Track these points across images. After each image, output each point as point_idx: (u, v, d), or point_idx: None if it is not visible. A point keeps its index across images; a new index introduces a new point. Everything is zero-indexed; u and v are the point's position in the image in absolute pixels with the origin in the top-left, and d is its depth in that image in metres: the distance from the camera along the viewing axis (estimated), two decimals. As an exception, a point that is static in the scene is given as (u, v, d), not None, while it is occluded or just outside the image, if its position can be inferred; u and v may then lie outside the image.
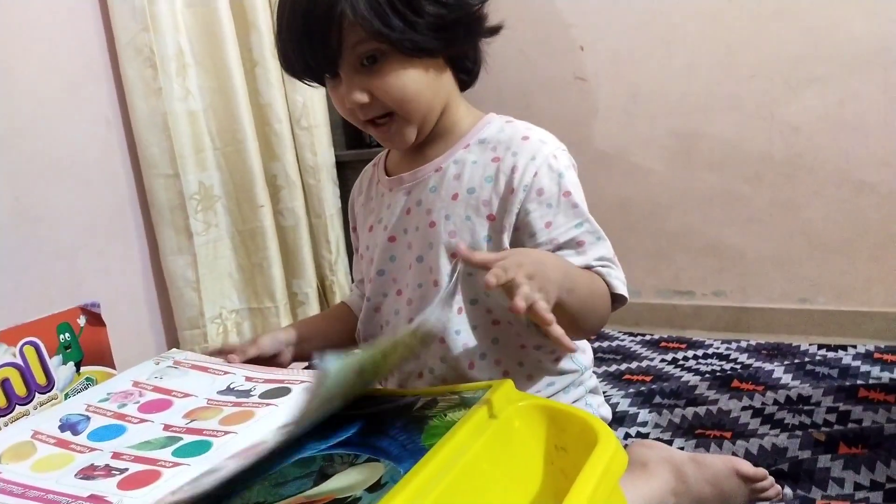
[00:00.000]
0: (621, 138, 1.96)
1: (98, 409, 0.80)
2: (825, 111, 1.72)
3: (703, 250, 1.93)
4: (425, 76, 0.82)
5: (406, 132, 0.84)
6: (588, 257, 0.82)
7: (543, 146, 0.84)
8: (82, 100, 1.36)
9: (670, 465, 0.89)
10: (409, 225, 0.88)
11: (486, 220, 0.83)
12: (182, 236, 1.47)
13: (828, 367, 1.27)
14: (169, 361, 0.91)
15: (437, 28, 0.78)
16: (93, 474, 0.65)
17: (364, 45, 0.77)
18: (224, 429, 0.73)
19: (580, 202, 0.83)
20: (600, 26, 1.93)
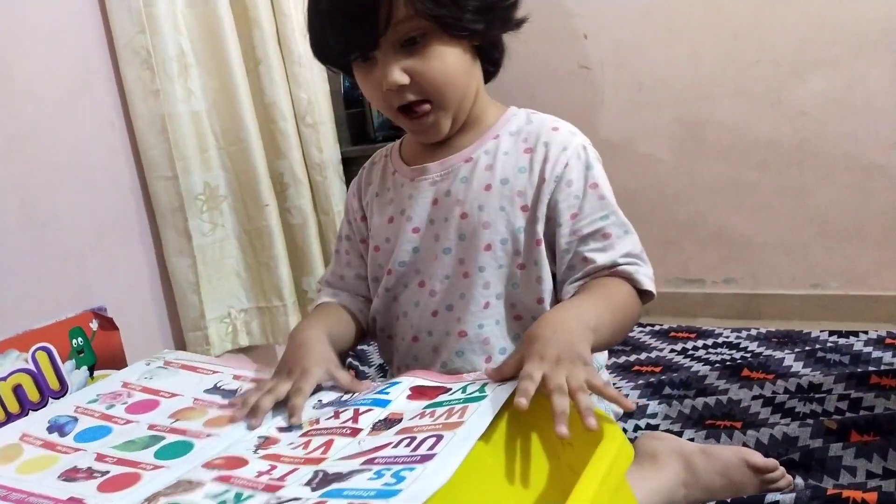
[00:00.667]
0: (627, 127, 1.95)
1: (86, 410, 0.81)
2: (832, 95, 1.70)
3: (711, 238, 1.92)
4: (464, 60, 0.82)
5: (442, 122, 0.84)
6: (615, 253, 0.82)
7: (574, 137, 0.86)
8: (85, 103, 1.36)
9: (680, 456, 0.89)
10: (436, 216, 0.87)
11: (520, 210, 0.84)
12: (183, 238, 1.47)
13: (839, 354, 1.26)
14: (160, 362, 0.93)
15: (482, 10, 0.79)
16: (75, 476, 0.66)
17: (410, 23, 0.77)
18: (207, 431, 0.73)
19: (607, 194, 0.84)
20: (604, 14, 1.91)
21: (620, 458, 0.59)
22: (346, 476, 0.56)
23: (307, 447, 0.65)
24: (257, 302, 1.63)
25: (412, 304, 0.90)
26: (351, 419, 0.69)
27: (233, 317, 1.59)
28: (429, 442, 0.58)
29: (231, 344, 1.58)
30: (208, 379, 0.87)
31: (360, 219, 0.97)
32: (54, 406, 0.83)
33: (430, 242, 0.88)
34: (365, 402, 0.71)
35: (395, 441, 0.60)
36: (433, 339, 0.89)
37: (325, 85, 1.74)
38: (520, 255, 0.85)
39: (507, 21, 0.84)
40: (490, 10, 0.80)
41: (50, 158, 1.29)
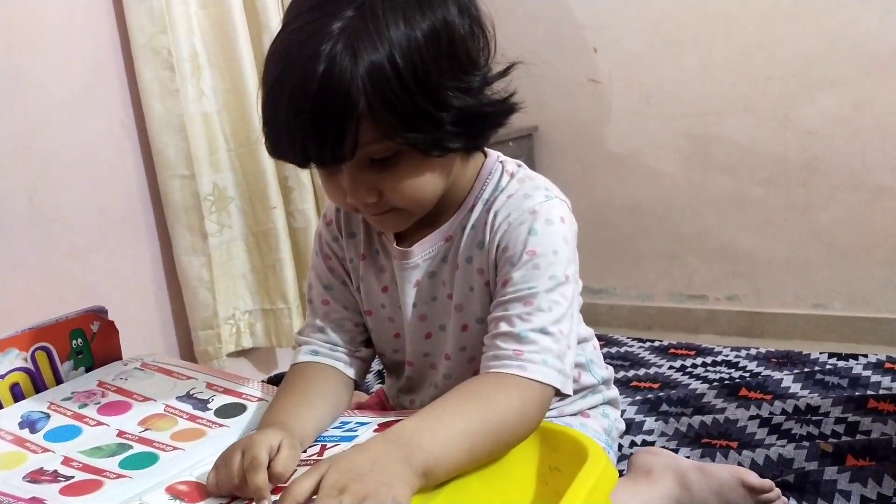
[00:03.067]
0: (634, 140, 1.95)
1: (59, 407, 0.83)
2: (841, 114, 1.70)
3: (716, 254, 1.93)
4: (440, 173, 0.73)
5: (406, 220, 0.76)
6: (523, 326, 0.71)
7: (524, 202, 0.76)
8: (96, 101, 1.37)
9: (675, 472, 0.89)
10: (419, 299, 0.82)
11: (485, 287, 0.79)
12: (197, 237, 1.48)
13: (837, 377, 1.25)
14: (137, 363, 0.94)
15: (463, 122, 0.69)
16: (39, 479, 0.68)
17: (379, 145, 0.67)
18: (174, 444, 0.75)
19: (545, 263, 0.73)
20: (614, 28, 1.92)
21: (604, 479, 0.60)
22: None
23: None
24: (262, 304, 1.64)
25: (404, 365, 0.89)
26: (317, 453, 0.70)
27: (237, 318, 1.60)
28: None
29: (234, 346, 1.59)
30: (182, 385, 0.88)
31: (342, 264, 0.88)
32: (28, 401, 0.84)
33: (416, 322, 0.84)
34: (333, 438, 0.73)
35: None
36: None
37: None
38: None
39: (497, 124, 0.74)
40: (472, 121, 0.70)
41: (58, 155, 1.30)
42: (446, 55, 0.67)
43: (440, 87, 0.67)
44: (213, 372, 0.93)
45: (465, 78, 0.69)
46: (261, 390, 0.87)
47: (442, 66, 0.67)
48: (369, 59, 0.63)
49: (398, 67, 0.64)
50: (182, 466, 0.70)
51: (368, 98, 0.64)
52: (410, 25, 0.65)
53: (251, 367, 1.66)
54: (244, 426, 0.79)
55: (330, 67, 0.63)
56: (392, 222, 0.77)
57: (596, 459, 0.61)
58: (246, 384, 0.88)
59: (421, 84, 0.65)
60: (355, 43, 0.64)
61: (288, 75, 0.66)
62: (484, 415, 0.66)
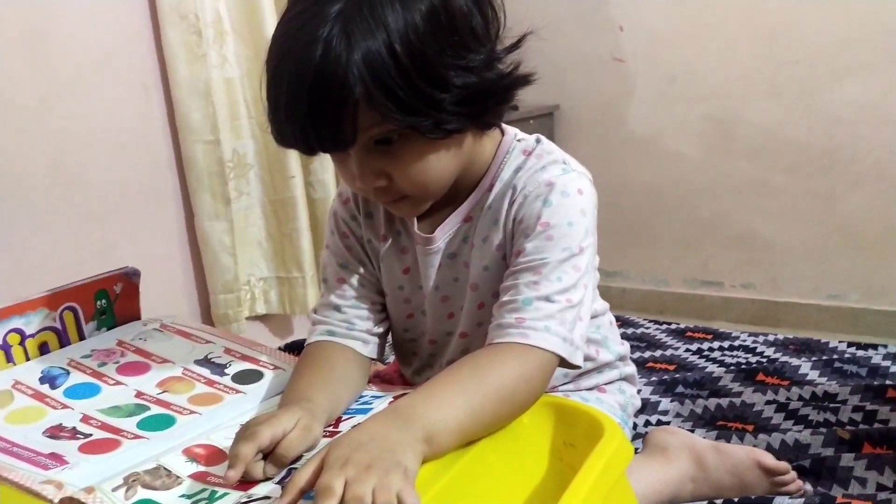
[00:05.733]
0: (657, 122, 1.93)
1: (79, 364, 0.83)
2: (868, 101, 1.68)
3: (733, 240, 1.91)
4: (447, 154, 0.72)
5: (420, 207, 0.76)
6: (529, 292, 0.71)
7: (541, 174, 0.76)
8: (120, 64, 1.37)
9: (690, 451, 0.89)
10: (441, 280, 0.82)
11: (503, 261, 0.78)
12: (220, 202, 1.49)
13: (856, 366, 1.25)
14: (156, 324, 0.94)
15: (465, 102, 0.68)
16: (59, 434, 0.69)
17: (379, 128, 0.67)
18: (191, 407, 0.75)
19: (558, 236, 0.73)
20: (640, 6, 1.89)
21: (618, 455, 0.60)
22: None
23: None
24: (277, 272, 1.65)
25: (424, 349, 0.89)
26: (332, 425, 0.70)
27: (252, 285, 1.60)
28: None
29: (249, 311, 1.60)
30: (200, 348, 0.89)
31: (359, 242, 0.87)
32: (48, 356, 0.85)
33: (438, 302, 0.84)
34: (349, 411, 0.73)
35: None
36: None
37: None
38: None
39: (504, 101, 0.74)
40: (476, 100, 0.69)
41: (82, 118, 1.30)
42: (446, 33, 0.66)
43: (440, 67, 0.66)
44: (231, 337, 0.94)
45: (468, 55, 0.68)
46: (278, 358, 0.88)
47: (442, 46, 0.66)
48: (365, 44, 0.63)
49: (395, 51, 0.63)
50: (199, 430, 0.70)
51: (365, 83, 0.63)
52: (407, 7, 0.64)
53: (267, 333, 1.67)
54: (261, 393, 0.79)
55: (325, 53, 0.63)
56: (406, 209, 0.77)
57: (611, 435, 0.61)
58: (263, 352, 0.89)
59: (419, 66, 0.64)
60: (350, 27, 0.63)
61: (286, 62, 0.66)
62: (481, 380, 0.65)
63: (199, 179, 1.46)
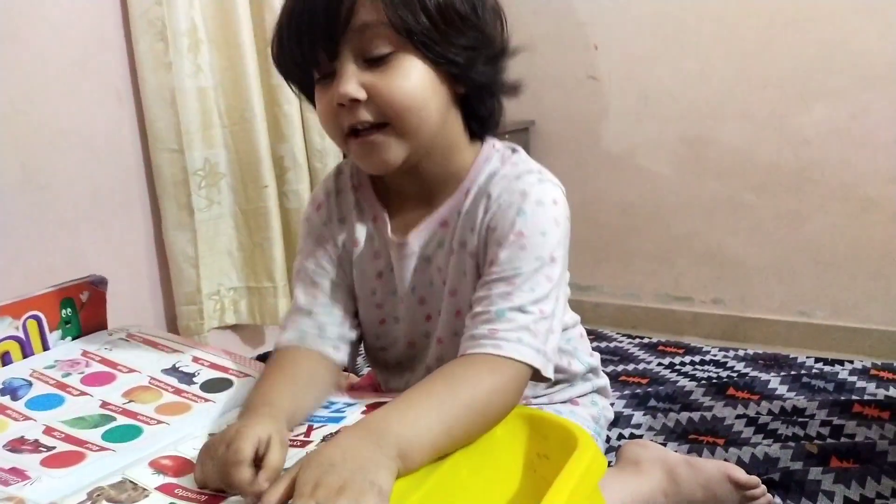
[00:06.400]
0: (630, 140, 1.96)
1: (42, 375, 0.81)
2: (836, 125, 1.72)
3: (704, 257, 1.94)
4: (435, 91, 0.73)
5: (393, 150, 0.73)
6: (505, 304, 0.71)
7: (516, 183, 0.76)
8: (93, 70, 1.35)
9: (663, 465, 0.89)
10: (418, 282, 0.82)
11: (477, 270, 0.78)
12: (184, 212, 1.47)
13: (824, 381, 1.27)
14: (122, 334, 0.92)
15: (463, 47, 0.72)
16: (20, 448, 0.67)
17: (377, 31, 0.68)
18: (158, 417, 0.74)
19: (531, 246, 0.73)
20: (615, 26, 1.92)
21: (593, 468, 0.60)
22: None
23: None
24: (247, 282, 1.62)
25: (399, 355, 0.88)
26: (304, 433, 0.69)
27: (222, 294, 1.58)
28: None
29: (218, 321, 1.58)
30: (167, 358, 0.87)
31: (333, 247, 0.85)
32: (10, 367, 0.83)
33: (415, 306, 0.83)
34: (321, 419, 0.72)
35: None
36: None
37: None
38: None
39: (491, 70, 0.76)
40: (474, 50, 0.73)
41: (53, 123, 1.28)
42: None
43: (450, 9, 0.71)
44: (200, 346, 0.92)
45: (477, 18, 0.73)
46: (247, 366, 0.87)
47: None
48: None
49: None
50: (166, 441, 0.68)
51: None
52: None
53: (238, 343, 1.65)
54: (230, 401, 0.78)
55: None
56: (378, 150, 0.73)
57: (585, 448, 0.61)
58: (232, 360, 0.87)
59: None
60: None
61: None
62: (454, 394, 0.65)
63: (165, 188, 1.44)
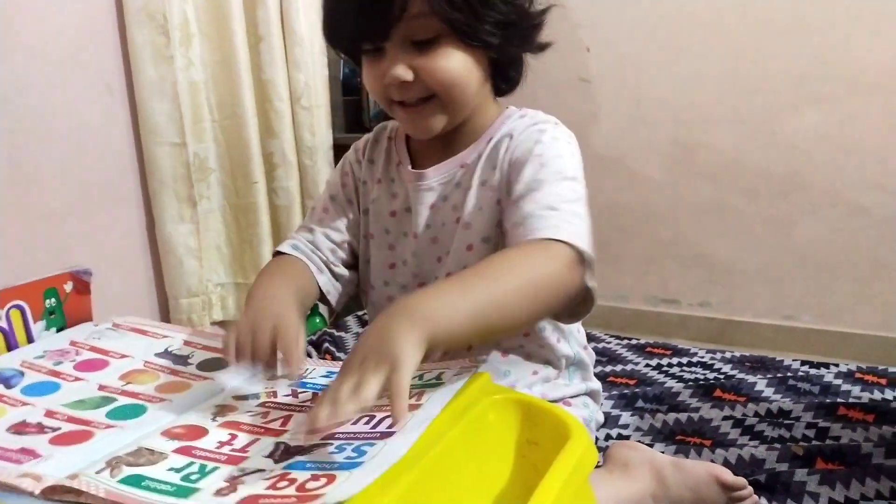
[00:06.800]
0: (621, 143, 1.96)
1: (33, 364, 0.80)
2: (826, 131, 1.73)
3: (692, 260, 1.94)
4: (472, 68, 0.80)
5: (437, 118, 0.82)
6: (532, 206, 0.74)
7: (534, 124, 0.84)
8: (84, 63, 1.34)
9: (651, 467, 0.90)
10: (433, 221, 0.87)
11: (496, 205, 0.84)
12: (185, 205, 1.47)
13: (809, 384, 1.28)
14: (108, 323, 0.92)
15: (500, 25, 0.78)
16: (24, 430, 0.65)
17: (423, 21, 0.75)
18: (160, 395, 0.73)
19: (550, 163, 0.78)
20: (608, 28, 1.92)
21: (585, 460, 0.60)
22: (308, 449, 0.57)
23: (266, 417, 0.66)
24: (235, 278, 1.62)
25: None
26: (310, 400, 0.69)
27: (209, 290, 1.57)
28: (387, 421, 0.59)
29: (206, 317, 1.57)
30: (158, 343, 0.86)
31: (355, 183, 0.95)
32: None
33: (428, 244, 0.88)
34: (305, 384, 0.73)
35: (355, 419, 0.60)
36: None
37: (323, 69, 1.73)
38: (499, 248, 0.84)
39: (526, 40, 0.84)
40: (509, 26, 0.80)
41: (41, 115, 1.26)
42: None
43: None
44: (188, 330, 0.91)
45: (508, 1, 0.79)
46: None
47: None
48: None
49: None
50: (174, 415, 0.67)
51: None
52: None
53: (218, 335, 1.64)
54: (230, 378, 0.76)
55: None
56: (424, 119, 0.82)
57: (579, 438, 0.61)
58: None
59: None
60: None
61: None
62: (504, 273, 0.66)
63: (163, 182, 1.43)
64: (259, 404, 0.69)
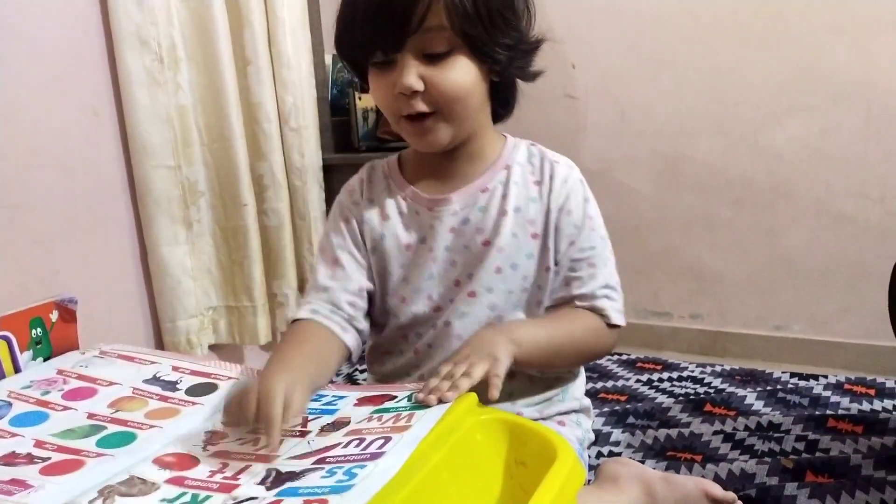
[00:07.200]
0: (607, 156, 1.97)
1: (20, 395, 0.80)
2: (808, 141, 1.75)
3: (682, 272, 1.95)
4: (479, 84, 0.85)
5: (442, 132, 0.85)
6: (595, 283, 0.90)
7: (572, 171, 0.93)
8: (69, 87, 1.34)
9: (641, 482, 0.90)
10: (454, 243, 0.90)
11: (531, 237, 0.89)
12: (180, 226, 1.47)
13: (799, 396, 1.28)
14: (95, 351, 0.92)
15: (506, 47, 0.83)
16: (14, 461, 0.65)
17: (439, 34, 0.79)
18: (149, 422, 0.73)
19: (597, 227, 0.92)
20: (592, 44, 1.94)
21: (572, 479, 0.60)
22: (300, 475, 0.57)
23: (256, 444, 0.66)
24: (227, 301, 1.61)
25: (421, 325, 0.92)
26: (300, 424, 0.70)
27: (201, 314, 1.57)
28: (378, 443, 0.60)
29: (197, 341, 1.56)
30: (146, 369, 0.87)
31: (359, 226, 0.94)
32: None
33: (446, 268, 0.90)
34: (314, 411, 0.73)
35: (345, 441, 0.62)
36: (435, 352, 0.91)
37: (312, 90, 1.73)
38: (527, 280, 0.90)
39: (524, 64, 0.89)
40: (513, 48, 0.85)
41: (26, 139, 1.26)
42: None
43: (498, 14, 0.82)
44: (176, 356, 0.92)
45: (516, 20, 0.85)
46: (228, 369, 0.86)
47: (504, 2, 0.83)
48: None
49: None
50: (163, 441, 0.67)
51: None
52: None
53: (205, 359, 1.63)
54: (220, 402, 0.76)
55: None
56: (430, 134, 0.85)
57: (565, 457, 0.62)
58: (213, 365, 0.87)
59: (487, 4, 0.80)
60: None
61: None
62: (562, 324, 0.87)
63: (157, 204, 1.43)
64: (249, 430, 0.69)
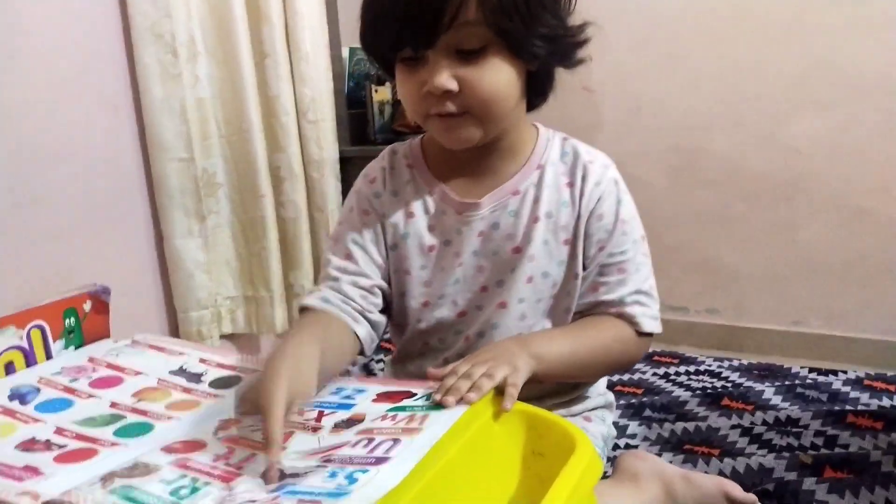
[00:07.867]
0: (623, 150, 1.95)
1: (49, 381, 0.82)
2: (826, 135, 1.73)
3: (698, 267, 1.95)
4: (515, 82, 0.79)
5: (472, 132, 0.79)
6: (623, 290, 0.84)
7: (606, 171, 0.87)
8: (89, 83, 1.35)
9: (661, 479, 0.90)
10: (482, 249, 0.85)
11: (562, 244, 0.85)
12: (193, 219, 1.48)
13: (817, 391, 1.28)
14: (127, 341, 0.93)
15: (548, 38, 0.77)
16: (32, 447, 0.67)
17: (473, 29, 0.73)
18: (168, 413, 0.74)
19: (630, 230, 0.86)
20: (608, 38, 1.93)
21: (589, 471, 0.61)
22: (302, 475, 0.57)
23: None
24: (244, 291, 1.63)
25: (445, 331, 0.89)
26: (314, 419, 0.70)
27: (219, 303, 1.59)
28: (385, 445, 0.60)
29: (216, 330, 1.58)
30: (174, 360, 0.88)
31: (379, 221, 0.88)
32: (16, 376, 0.83)
33: (473, 273, 0.86)
34: (331, 405, 0.73)
35: (354, 441, 0.62)
36: None
37: (329, 84, 1.74)
38: (556, 287, 0.86)
39: (567, 56, 0.82)
40: (555, 40, 0.78)
41: (46, 135, 1.28)
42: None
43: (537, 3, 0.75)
44: (204, 348, 0.93)
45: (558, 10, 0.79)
46: (255, 364, 0.87)
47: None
48: None
49: None
50: (177, 434, 0.69)
51: None
52: None
53: (234, 353, 1.65)
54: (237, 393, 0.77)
55: None
56: (461, 132, 0.79)
57: (583, 451, 0.62)
58: (238, 358, 0.88)
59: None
60: None
61: None
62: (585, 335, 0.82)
63: (171, 197, 1.45)
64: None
